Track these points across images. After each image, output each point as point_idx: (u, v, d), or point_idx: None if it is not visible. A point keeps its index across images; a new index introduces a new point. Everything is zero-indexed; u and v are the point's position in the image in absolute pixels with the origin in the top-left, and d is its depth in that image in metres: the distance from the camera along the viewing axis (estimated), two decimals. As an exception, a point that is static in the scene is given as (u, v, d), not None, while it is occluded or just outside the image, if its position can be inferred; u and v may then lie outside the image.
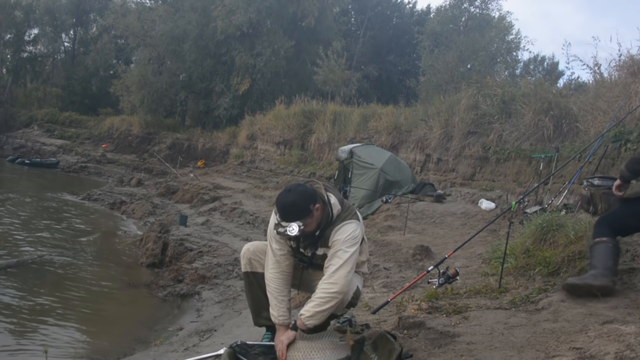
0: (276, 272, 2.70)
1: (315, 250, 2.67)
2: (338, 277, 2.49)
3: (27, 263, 7.96)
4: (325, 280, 2.52)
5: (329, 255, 2.57)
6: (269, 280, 2.72)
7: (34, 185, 17.80)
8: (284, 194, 2.55)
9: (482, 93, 11.37)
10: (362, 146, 11.50)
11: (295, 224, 2.45)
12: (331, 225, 2.59)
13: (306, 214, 2.48)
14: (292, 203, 2.48)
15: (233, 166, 18.68)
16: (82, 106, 30.98)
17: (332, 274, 2.50)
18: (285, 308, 2.69)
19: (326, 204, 2.58)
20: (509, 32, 22.85)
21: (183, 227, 10.89)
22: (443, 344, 2.75)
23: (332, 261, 2.53)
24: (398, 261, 6.25)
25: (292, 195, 2.50)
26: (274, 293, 2.69)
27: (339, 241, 2.55)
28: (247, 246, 2.92)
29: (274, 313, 2.69)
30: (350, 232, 2.55)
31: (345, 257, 2.51)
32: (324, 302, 2.50)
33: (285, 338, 2.56)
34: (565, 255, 4.09)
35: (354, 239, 2.55)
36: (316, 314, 2.52)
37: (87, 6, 33.26)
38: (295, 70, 24.07)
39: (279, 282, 2.70)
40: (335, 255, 2.53)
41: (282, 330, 2.66)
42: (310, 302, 2.56)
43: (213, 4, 22.63)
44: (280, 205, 2.51)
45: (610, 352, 2.18)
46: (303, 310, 2.55)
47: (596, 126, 8.01)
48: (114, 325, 6.06)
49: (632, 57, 8.32)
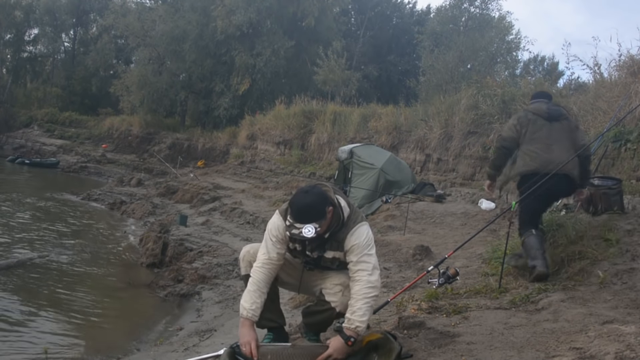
0: (265, 265, 2.65)
1: (322, 253, 2.64)
2: (374, 280, 2.54)
3: (27, 263, 7.96)
4: (364, 286, 2.51)
5: (354, 261, 2.56)
6: (253, 270, 2.66)
7: (34, 185, 17.80)
8: (300, 195, 2.52)
9: (482, 93, 11.36)
10: (362, 146, 11.49)
11: (311, 226, 2.42)
12: (343, 229, 2.58)
13: (322, 216, 2.46)
14: (310, 205, 2.46)
15: (233, 166, 18.68)
16: (82, 106, 30.96)
17: (368, 280, 2.52)
18: (261, 304, 2.61)
19: (337, 207, 2.57)
20: (509, 32, 22.84)
21: (183, 227, 10.89)
22: (443, 344, 2.75)
23: (361, 266, 2.54)
24: (398, 261, 6.25)
25: (310, 197, 2.48)
26: (256, 284, 2.61)
27: (358, 245, 2.56)
28: (247, 249, 2.90)
29: (246, 305, 2.58)
30: (365, 235, 2.59)
31: (373, 260, 2.57)
32: (368, 308, 2.53)
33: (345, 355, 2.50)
34: (565, 255, 4.10)
35: (371, 240, 2.61)
36: (366, 322, 2.53)
37: (87, 6, 33.22)
38: (295, 70, 24.06)
39: (263, 276, 2.64)
40: (362, 261, 2.55)
41: (247, 326, 2.56)
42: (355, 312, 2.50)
43: (213, 4, 22.62)
44: (297, 207, 2.47)
45: (610, 352, 2.18)
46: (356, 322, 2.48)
47: (596, 126, 8.01)
48: (114, 325, 6.06)
49: (632, 57, 8.32)
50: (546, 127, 4.04)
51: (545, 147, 3.96)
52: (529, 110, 4.21)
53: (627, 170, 6.94)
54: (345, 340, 2.49)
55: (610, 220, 4.55)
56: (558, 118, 4.11)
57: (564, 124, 4.11)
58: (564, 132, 4.06)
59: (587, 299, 3.39)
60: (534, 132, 4.03)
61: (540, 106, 4.19)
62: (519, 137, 4.09)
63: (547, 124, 4.06)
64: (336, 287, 2.70)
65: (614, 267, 3.85)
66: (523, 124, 4.10)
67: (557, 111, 4.18)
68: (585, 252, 4.04)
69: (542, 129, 4.04)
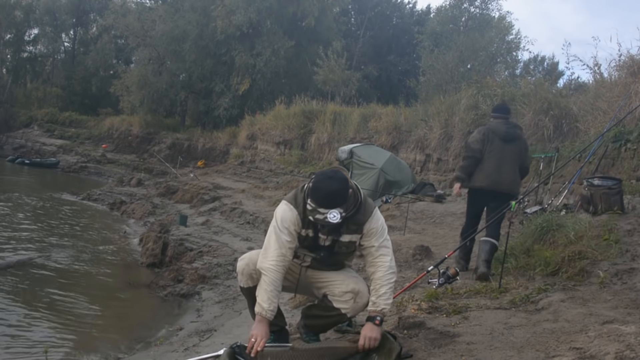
0: (279, 264, 2.56)
1: (338, 237, 2.61)
2: (393, 264, 2.65)
3: (27, 263, 7.96)
4: (387, 271, 2.61)
5: (375, 246, 2.62)
6: (269, 270, 2.56)
7: (34, 185, 17.80)
8: (326, 180, 2.48)
9: (482, 93, 11.37)
10: (362, 146, 11.48)
11: (336, 211, 2.42)
12: (360, 211, 2.60)
13: (345, 201, 2.48)
14: (337, 190, 2.45)
15: (233, 166, 18.68)
16: (82, 106, 30.95)
17: (390, 265, 2.63)
18: (277, 302, 2.58)
19: (355, 190, 2.59)
20: (509, 32, 22.82)
21: (183, 227, 10.89)
22: (443, 344, 2.75)
23: (382, 251, 2.63)
24: (398, 261, 6.23)
25: (336, 182, 2.47)
26: (272, 284, 2.55)
27: (376, 230, 2.64)
28: (245, 262, 2.77)
29: (264, 305, 2.53)
30: (382, 219, 2.70)
31: (389, 244, 2.69)
32: (391, 291, 2.64)
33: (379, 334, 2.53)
34: (565, 255, 4.10)
35: (384, 224, 2.71)
36: (390, 303, 2.66)
37: (87, 6, 33.20)
38: (295, 70, 24.05)
39: (279, 275, 2.57)
40: (384, 246, 2.64)
41: (264, 324, 2.53)
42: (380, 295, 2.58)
43: (213, 4, 22.61)
44: (325, 193, 2.43)
45: (610, 352, 2.18)
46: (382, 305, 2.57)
47: (596, 126, 8.01)
48: (114, 325, 6.06)
49: (632, 57, 8.32)
50: (501, 148, 4.73)
51: (496, 168, 4.69)
52: (491, 128, 4.87)
53: (627, 170, 6.95)
54: (373, 321, 2.56)
55: (610, 220, 4.55)
56: (512, 140, 4.80)
57: (516, 145, 4.81)
58: (514, 155, 4.76)
59: (587, 299, 3.39)
60: (491, 151, 4.73)
61: (500, 127, 4.83)
62: (483, 149, 4.76)
63: (502, 144, 4.75)
64: (346, 294, 2.68)
65: (614, 267, 3.85)
66: (485, 140, 4.77)
67: (514, 133, 4.85)
68: (585, 252, 4.05)
69: (497, 149, 4.73)
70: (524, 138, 5.06)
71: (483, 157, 4.75)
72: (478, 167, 4.76)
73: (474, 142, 4.84)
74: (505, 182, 4.66)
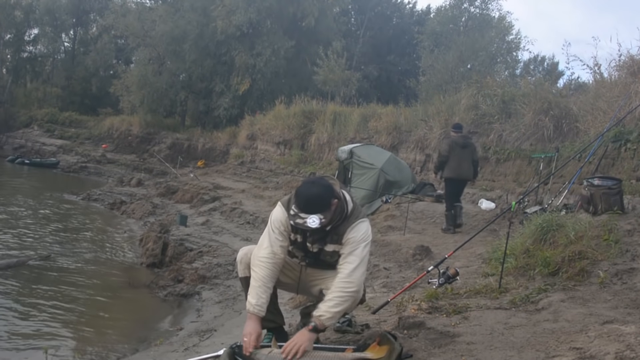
0: (268, 260, 2.61)
1: (323, 246, 2.62)
2: (356, 276, 2.50)
3: (27, 263, 7.96)
4: (343, 279, 2.50)
5: (345, 254, 2.55)
6: (257, 265, 2.61)
7: (34, 185, 17.80)
8: (307, 185, 2.52)
9: (482, 93, 11.37)
10: (362, 146, 11.49)
11: (316, 217, 2.42)
12: (345, 222, 2.58)
13: (326, 208, 2.46)
14: (316, 195, 2.45)
15: (233, 166, 18.68)
16: (82, 106, 30.93)
17: (350, 273, 2.49)
18: (266, 299, 2.58)
19: (342, 200, 2.57)
20: (509, 32, 22.81)
21: (183, 227, 10.89)
22: (443, 344, 2.75)
23: (349, 259, 2.53)
24: (398, 261, 6.25)
25: (317, 187, 2.48)
26: (260, 280, 2.58)
27: (354, 239, 2.55)
28: (244, 251, 2.86)
29: (252, 300, 2.54)
30: (364, 231, 2.57)
31: (362, 255, 2.53)
32: (342, 302, 2.48)
33: (307, 340, 2.44)
34: (565, 255, 4.10)
35: (368, 237, 2.59)
36: (335, 314, 2.49)
37: (87, 6, 33.18)
38: (295, 70, 24.05)
39: (267, 271, 2.60)
40: (352, 254, 2.53)
41: (254, 320, 2.55)
42: (326, 301, 2.50)
43: (213, 4, 22.60)
44: (304, 197, 2.46)
45: (610, 352, 2.18)
46: (321, 311, 2.47)
47: (596, 126, 8.01)
48: (114, 325, 6.06)
49: (632, 57, 8.33)
50: (460, 152, 7.36)
51: (458, 164, 7.35)
52: (453, 140, 7.46)
53: (627, 170, 6.95)
54: (307, 326, 2.48)
55: (610, 220, 4.55)
56: (467, 146, 7.49)
57: (470, 149, 7.52)
58: (469, 155, 7.46)
59: (587, 299, 3.39)
60: (455, 155, 7.34)
61: (458, 139, 7.47)
62: (449, 154, 7.35)
63: (461, 149, 7.37)
64: None
65: (614, 267, 3.85)
66: (450, 149, 7.36)
67: (467, 142, 7.60)
68: (585, 252, 4.05)
69: (458, 153, 7.35)
70: (473, 143, 8.01)
71: (449, 158, 7.34)
72: (447, 165, 7.38)
73: (444, 150, 7.47)
74: (464, 173, 7.44)
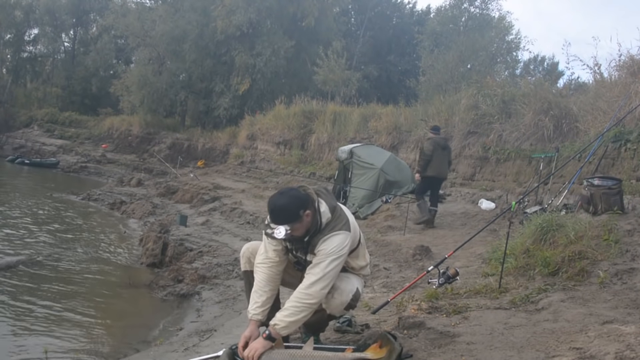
0: (263, 265, 2.66)
1: (305, 256, 2.64)
2: (315, 289, 2.47)
3: (27, 263, 7.96)
4: (302, 289, 2.49)
5: (312, 265, 2.53)
6: (255, 271, 2.70)
7: (34, 185, 17.79)
8: (276, 196, 2.55)
9: (482, 93, 11.37)
10: (362, 146, 11.49)
11: (282, 228, 2.43)
12: (319, 234, 2.55)
13: (295, 219, 2.46)
14: (282, 206, 2.47)
15: (233, 166, 18.68)
16: (82, 106, 30.95)
17: (310, 285, 2.47)
18: (261, 303, 2.62)
19: (316, 213, 2.54)
20: (509, 32, 22.83)
21: (183, 227, 10.88)
22: (443, 344, 2.75)
23: (313, 271, 2.50)
24: (398, 261, 6.25)
25: (284, 198, 2.50)
26: (256, 285, 2.64)
27: (323, 252, 2.51)
28: (247, 246, 2.93)
29: (249, 307, 2.65)
30: (336, 245, 2.50)
31: (327, 270, 2.47)
32: (297, 312, 2.46)
33: (261, 347, 2.46)
34: (565, 255, 4.10)
35: (339, 251, 2.50)
36: (290, 324, 2.48)
37: (87, 6, 33.18)
38: (295, 70, 24.06)
39: (263, 275, 2.65)
40: (317, 266, 2.50)
41: (251, 324, 2.60)
42: (283, 310, 2.51)
43: (213, 4, 22.60)
44: (271, 208, 2.51)
45: (610, 352, 2.18)
46: (276, 320, 2.48)
47: (596, 126, 8.01)
48: (114, 325, 6.06)
49: (632, 57, 8.33)
50: (441, 152, 7.90)
51: (438, 164, 7.87)
52: (434, 141, 7.94)
53: (627, 170, 6.95)
54: (262, 333, 2.51)
55: (610, 220, 4.55)
56: (445, 147, 8.09)
57: (447, 151, 8.12)
58: (447, 155, 8.07)
59: (587, 299, 3.39)
60: (435, 156, 7.83)
61: (439, 141, 8.01)
62: (432, 154, 7.79)
63: (441, 150, 7.91)
64: None
65: (614, 267, 3.85)
66: (433, 149, 7.81)
67: (446, 143, 8.23)
68: (585, 252, 4.05)
69: (439, 153, 7.86)
70: (449, 146, 8.58)
71: (432, 158, 7.79)
72: (429, 164, 7.82)
73: (427, 149, 7.86)
74: (443, 172, 8.06)
